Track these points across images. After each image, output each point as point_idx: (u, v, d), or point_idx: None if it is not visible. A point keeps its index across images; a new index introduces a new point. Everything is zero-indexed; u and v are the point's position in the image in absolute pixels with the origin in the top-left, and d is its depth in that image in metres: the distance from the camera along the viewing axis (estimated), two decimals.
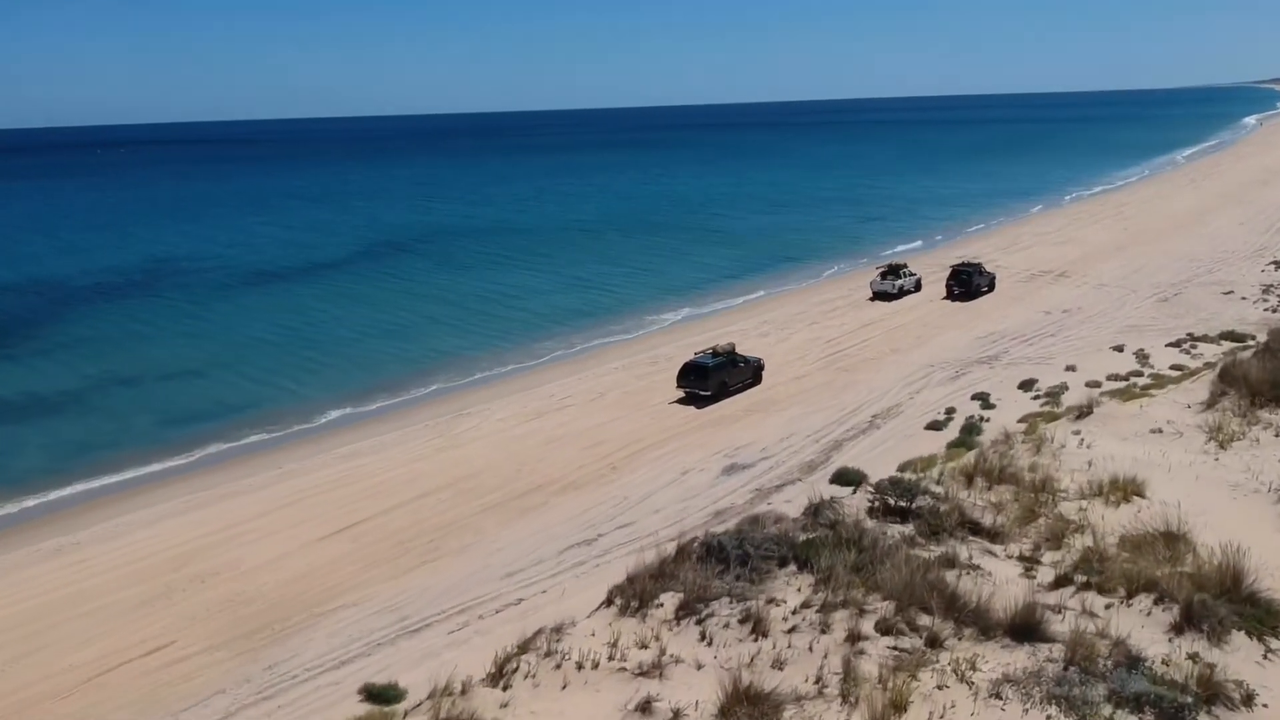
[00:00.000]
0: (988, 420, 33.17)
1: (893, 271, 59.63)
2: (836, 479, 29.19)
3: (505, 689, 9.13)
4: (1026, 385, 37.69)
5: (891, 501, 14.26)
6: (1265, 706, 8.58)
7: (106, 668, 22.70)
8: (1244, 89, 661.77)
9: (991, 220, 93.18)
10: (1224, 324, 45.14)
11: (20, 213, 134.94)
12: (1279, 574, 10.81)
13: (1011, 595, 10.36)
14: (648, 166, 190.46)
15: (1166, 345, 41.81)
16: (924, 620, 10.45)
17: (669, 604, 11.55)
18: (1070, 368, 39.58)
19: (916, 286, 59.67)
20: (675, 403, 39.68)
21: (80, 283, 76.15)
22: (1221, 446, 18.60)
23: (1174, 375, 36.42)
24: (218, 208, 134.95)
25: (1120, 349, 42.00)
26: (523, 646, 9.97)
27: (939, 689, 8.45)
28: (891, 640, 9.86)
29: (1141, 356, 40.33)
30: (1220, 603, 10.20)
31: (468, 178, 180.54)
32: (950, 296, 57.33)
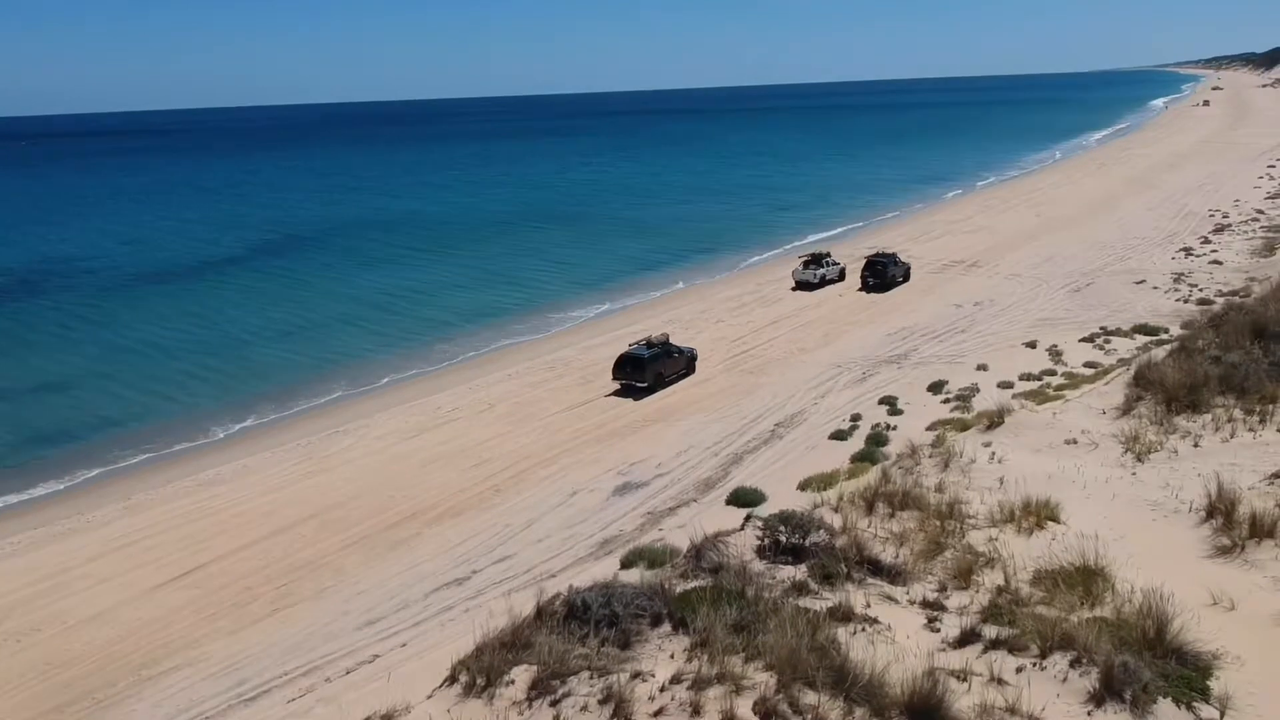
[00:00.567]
0: (894, 428, 31.38)
1: (815, 261, 58.57)
2: (733, 499, 27.14)
3: None
4: (936, 387, 36.04)
5: (783, 539, 12.53)
6: None
7: None
8: (1151, 73, 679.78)
9: (905, 208, 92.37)
10: (1136, 316, 44.14)
11: None
12: (1205, 614, 9.82)
13: (912, 659, 9.06)
14: (565, 155, 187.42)
15: (1079, 340, 40.58)
16: (809, 698, 8.90)
17: (521, 680, 9.65)
18: (981, 367, 38.08)
19: (840, 275, 58.60)
20: (568, 411, 37.28)
21: None
22: (1139, 459, 17.66)
23: (1087, 374, 35.15)
24: (116, 201, 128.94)
25: (1033, 345, 40.67)
26: None
27: None
28: None
29: (1054, 353, 39.01)
30: (1144, 662, 8.95)
31: (379, 167, 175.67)
32: (865, 288, 56.32)
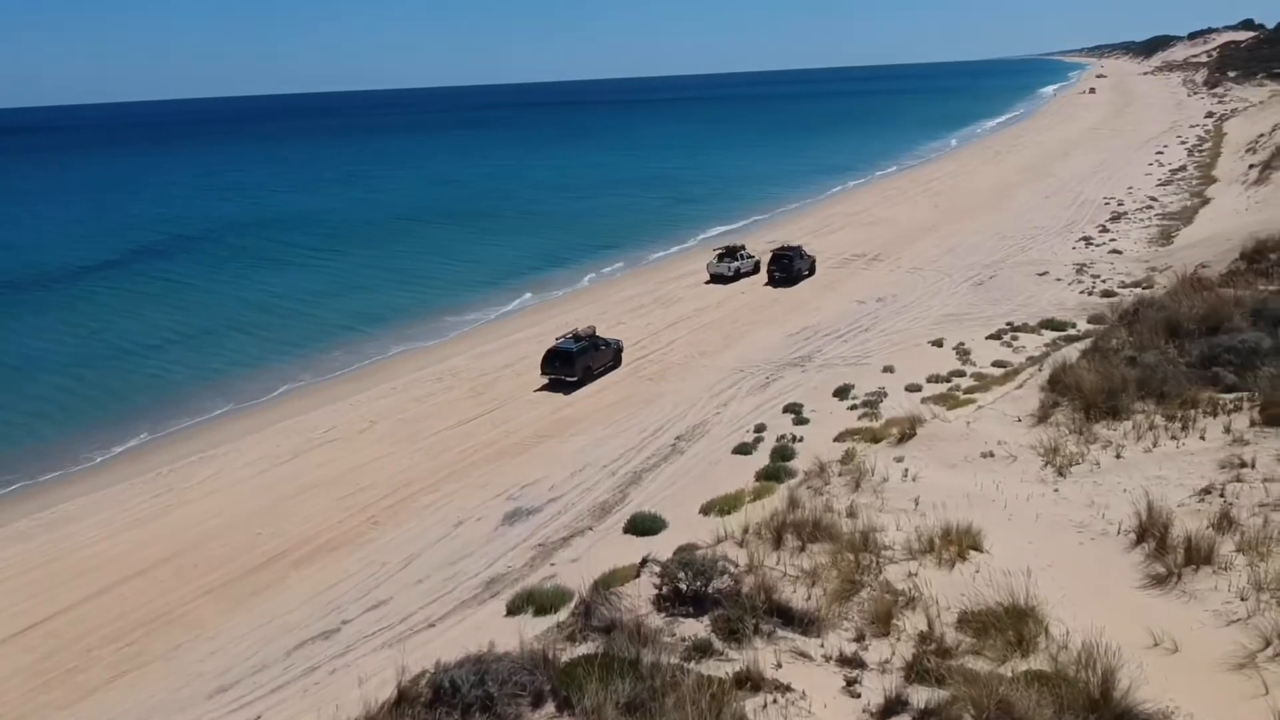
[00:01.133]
0: (800, 440, 29.78)
1: (730, 254, 57.53)
2: (631, 527, 25.16)
3: None
4: (842, 392, 34.59)
5: (683, 586, 11.21)
6: None
7: None
8: (1038, 61, 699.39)
9: (805, 199, 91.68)
10: (1042, 310, 43.53)
11: None
12: (1148, 660, 9.07)
13: None
14: (470, 149, 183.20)
15: (986, 337, 39.65)
16: None
17: None
18: (888, 368, 36.80)
19: (755, 268, 57.64)
20: (455, 427, 34.86)
21: None
22: (1060, 473, 17.04)
23: (996, 374, 34.22)
24: None
25: (939, 344, 39.60)
26: None
27: None
28: None
29: (961, 352, 37.98)
30: None
31: (273, 163, 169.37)
32: (771, 282, 55.35)
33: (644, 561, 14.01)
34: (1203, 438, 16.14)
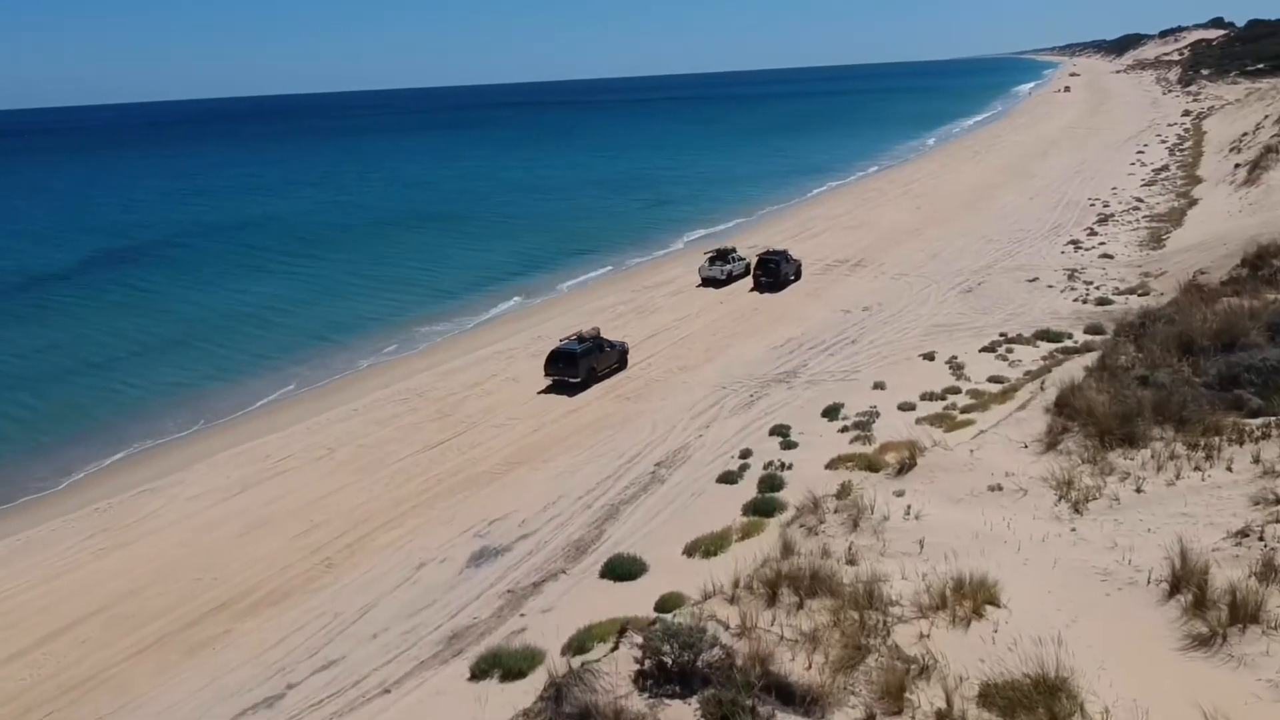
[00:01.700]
0: (789, 467, 27.70)
1: (721, 256, 56.31)
2: (609, 571, 23.00)
3: None
4: (831, 412, 32.54)
5: (669, 660, 9.94)
6: None
7: None
8: (1011, 59, 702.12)
9: (784, 201, 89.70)
10: (1036, 319, 41.71)
11: None
12: None
13: None
14: (441, 150, 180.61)
15: (980, 350, 37.74)
16: None
17: None
18: (879, 385, 34.81)
19: (746, 271, 56.25)
20: (420, 453, 32.55)
21: None
22: (1076, 509, 15.81)
23: (994, 390, 32.36)
24: None
25: (930, 357, 37.66)
26: None
27: None
28: None
29: (955, 366, 36.05)
30: None
31: (246, 165, 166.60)
32: (757, 288, 53.90)
33: (622, 631, 12.13)
34: (1230, 469, 14.95)
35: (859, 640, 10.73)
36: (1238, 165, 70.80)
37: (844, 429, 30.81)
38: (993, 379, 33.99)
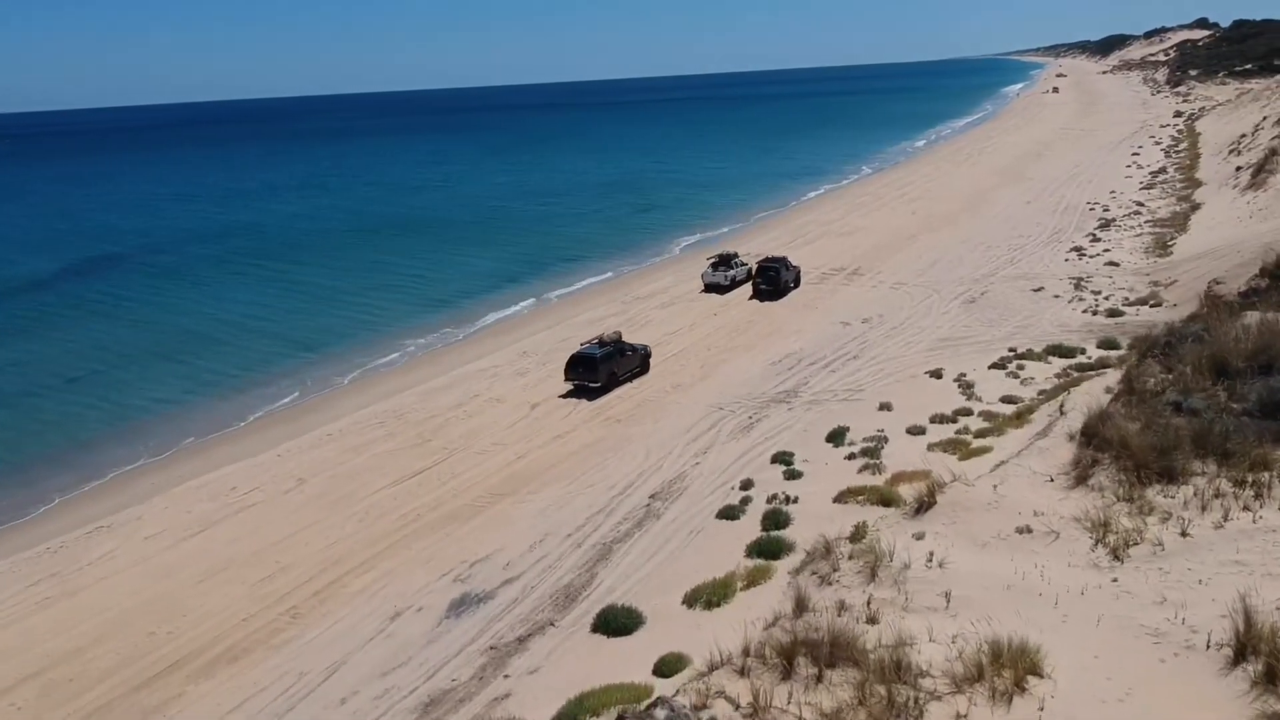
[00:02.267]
0: (794, 500, 25.61)
1: (724, 262, 55.10)
2: (601, 624, 20.85)
3: None
4: (836, 437, 30.46)
5: None
6: None
7: None
8: (997, 60, 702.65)
9: (777, 206, 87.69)
10: (1045, 332, 39.77)
11: None
12: None
13: None
14: (423, 155, 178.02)
15: (989, 367, 35.71)
16: None
17: None
18: (884, 406, 32.76)
19: (748, 276, 54.83)
20: (396, 485, 30.36)
21: None
22: (1115, 556, 14.36)
23: (1007, 413, 30.38)
24: None
25: (938, 375, 35.63)
26: None
27: None
28: None
29: (964, 385, 34.02)
30: None
31: (223, 170, 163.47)
32: (757, 295, 52.38)
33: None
34: None
35: None
36: (1239, 168, 69.14)
37: (851, 456, 28.70)
38: (1005, 399, 31.98)
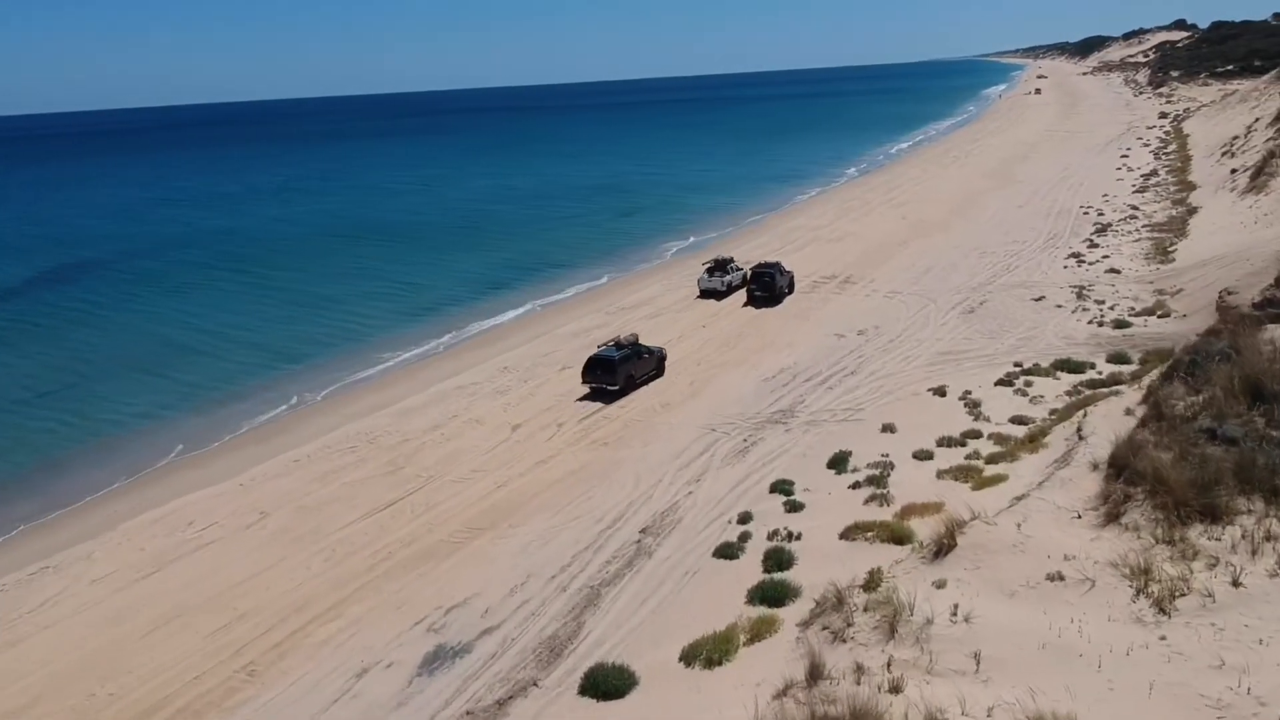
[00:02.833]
0: (798, 537, 23.67)
1: (720, 267, 53.79)
2: (589, 686, 18.80)
3: None
4: (839, 463, 28.52)
5: None
6: None
7: None
8: (976, 62, 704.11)
9: (763, 210, 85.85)
10: (1050, 345, 37.99)
11: None
12: None
13: None
14: (400, 158, 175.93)
15: (995, 383, 33.86)
16: None
17: None
18: (887, 427, 30.87)
19: (743, 281, 53.38)
20: (366, 519, 28.20)
21: None
22: (1161, 609, 13.13)
23: (1019, 435, 28.62)
24: None
25: (941, 392, 33.77)
26: None
27: None
28: None
29: (970, 404, 32.16)
30: None
31: (201, 174, 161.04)
32: (752, 302, 50.98)
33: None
34: None
35: None
36: (1235, 171, 67.76)
37: (855, 485, 26.76)
38: (1015, 419, 30.15)
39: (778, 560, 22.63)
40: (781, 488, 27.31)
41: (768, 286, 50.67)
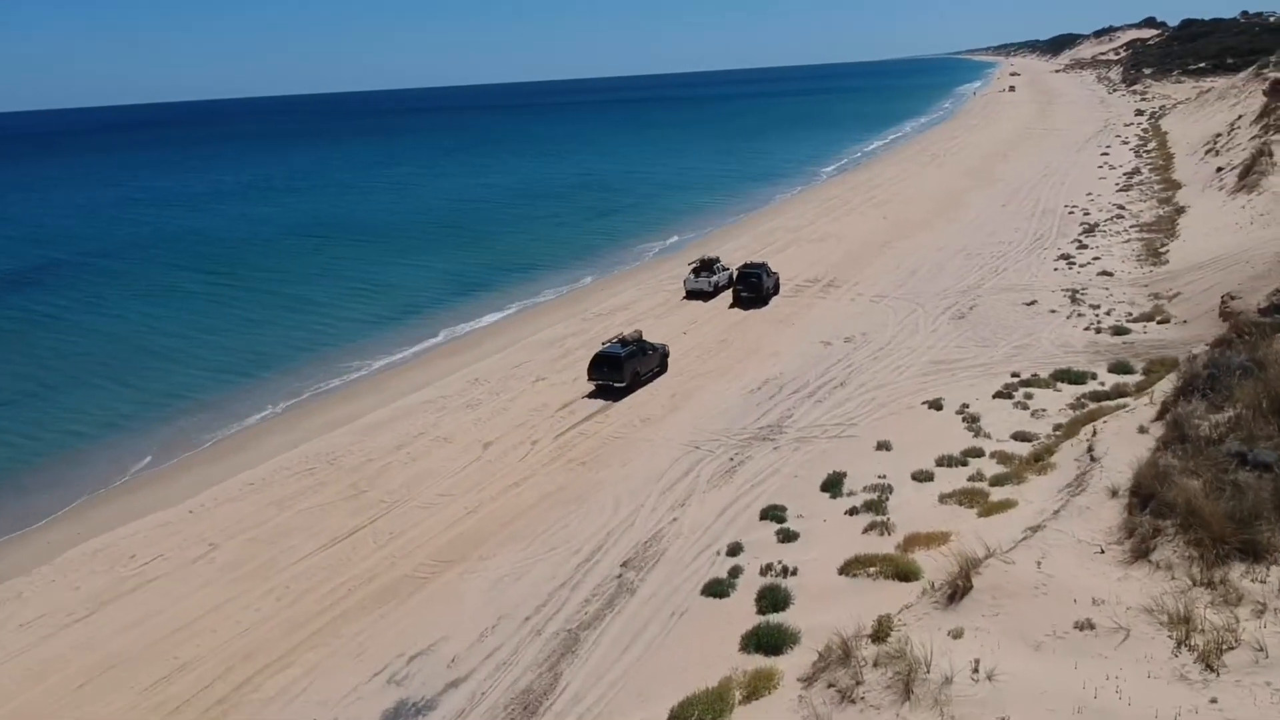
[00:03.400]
0: (794, 573, 21.82)
1: (706, 267, 52.28)
2: None
3: None
4: (833, 486, 26.67)
5: None
6: None
7: None
8: (948, 59, 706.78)
9: (742, 210, 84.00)
10: (1046, 353, 36.34)
11: None
12: None
13: None
14: (374, 157, 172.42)
15: (994, 396, 32.15)
16: None
17: None
18: (883, 445, 29.06)
19: (729, 282, 52.00)
20: (324, 550, 26.01)
21: None
22: (1209, 665, 11.54)
23: (1023, 453, 26.94)
24: None
25: (937, 405, 32.00)
26: None
27: None
28: None
29: (969, 419, 30.41)
30: None
31: (167, 174, 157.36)
32: (738, 303, 49.55)
33: None
34: None
35: None
36: (1221, 169, 66.56)
37: (852, 510, 24.93)
38: (1018, 436, 28.46)
39: (773, 600, 20.78)
40: (773, 514, 25.43)
41: (754, 287, 49.20)
